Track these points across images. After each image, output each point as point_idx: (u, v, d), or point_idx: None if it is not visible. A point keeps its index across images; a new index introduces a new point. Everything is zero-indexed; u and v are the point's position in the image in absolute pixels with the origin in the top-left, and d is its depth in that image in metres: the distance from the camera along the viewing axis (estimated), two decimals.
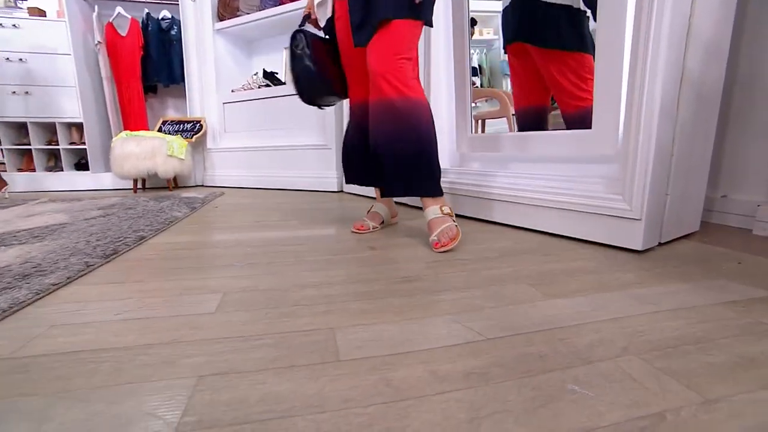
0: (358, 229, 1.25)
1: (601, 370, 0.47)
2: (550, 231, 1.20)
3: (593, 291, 0.73)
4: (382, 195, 1.18)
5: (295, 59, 1.17)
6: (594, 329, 0.58)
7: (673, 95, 0.96)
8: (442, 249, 1.03)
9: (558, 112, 1.75)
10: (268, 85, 2.81)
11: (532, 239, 1.15)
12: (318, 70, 1.16)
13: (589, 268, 0.87)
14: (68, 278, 0.77)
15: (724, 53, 1.08)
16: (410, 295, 0.72)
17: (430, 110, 1.10)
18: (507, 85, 3.87)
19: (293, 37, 1.18)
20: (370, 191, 2.20)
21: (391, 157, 1.08)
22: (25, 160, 2.89)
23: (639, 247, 0.98)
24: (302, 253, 1.02)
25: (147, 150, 2.56)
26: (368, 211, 1.31)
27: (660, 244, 1.04)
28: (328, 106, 1.31)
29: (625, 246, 1.01)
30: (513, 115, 3.20)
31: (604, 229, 1.05)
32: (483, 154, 1.59)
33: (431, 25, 1.11)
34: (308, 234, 1.25)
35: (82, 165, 2.97)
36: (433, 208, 1.11)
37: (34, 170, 2.84)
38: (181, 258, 0.98)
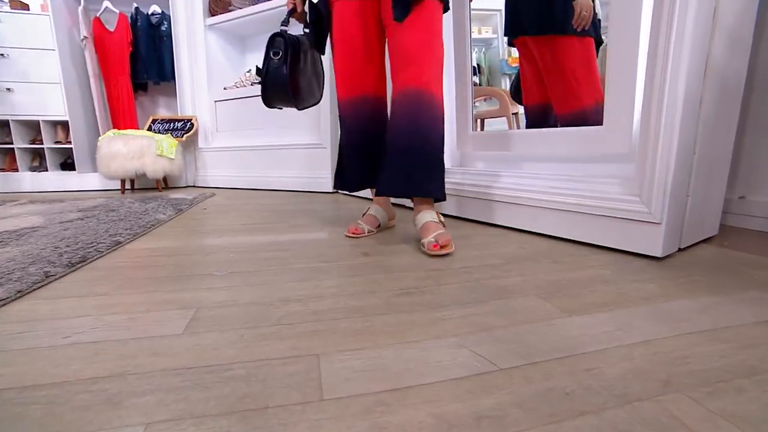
0: (353, 233, 1.16)
1: (643, 413, 0.38)
2: (557, 235, 1.12)
3: (614, 305, 0.65)
4: (383, 193, 1.07)
5: (269, 64, 1.11)
6: (624, 356, 0.49)
7: (697, 88, 0.87)
8: (441, 252, 0.96)
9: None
10: (260, 83, 2.71)
11: (539, 244, 1.07)
12: (290, 80, 1.11)
13: (605, 278, 0.79)
14: (18, 292, 0.68)
15: (748, 43, 1.00)
16: (409, 311, 0.63)
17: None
18: (506, 84, 3.79)
19: (271, 41, 1.11)
20: (366, 192, 2.11)
21: (410, 152, 1.02)
22: (8, 159, 2.78)
23: (659, 254, 0.90)
24: (290, 260, 0.93)
25: (135, 149, 2.46)
26: (363, 214, 1.22)
27: (679, 250, 0.96)
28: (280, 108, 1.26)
29: (642, 252, 0.92)
30: (513, 114, 3.12)
31: (617, 233, 0.97)
32: (485, 153, 1.50)
33: (448, 9, 1.08)
34: (298, 238, 1.16)
35: (68, 165, 2.87)
36: (430, 213, 1.06)
37: (16, 170, 2.73)
38: (156, 266, 0.89)
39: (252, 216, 1.60)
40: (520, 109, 3.11)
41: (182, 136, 2.77)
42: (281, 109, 1.25)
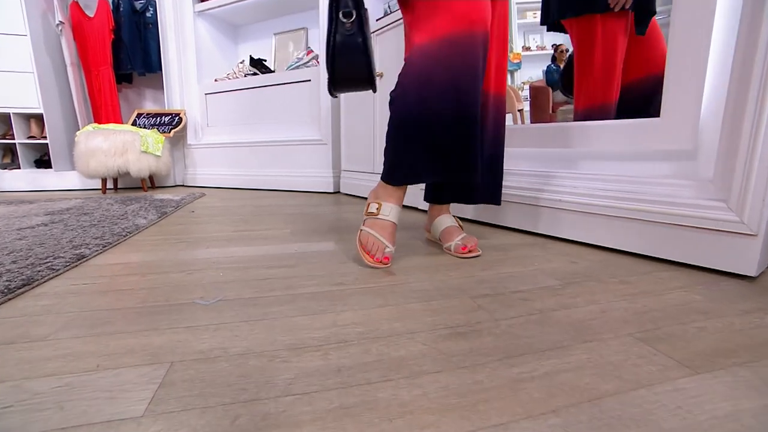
0: (383, 264, 0.81)
1: None
2: (608, 245, 0.94)
3: (744, 353, 0.48)
4: (474, 201, 0.97)
5: (339, 30, 0.80)
6: None
7: None
8: (470, 255, 0.87)
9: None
10: (255, 74, 2.51)
11: (589, 256, 0.89)
12: (367, 47, 0.82)
13: (700, 306, 0.62)
14: None
15: None
16: (471, 367, 0.45)
17: None
18: (513, 80, 3.61)
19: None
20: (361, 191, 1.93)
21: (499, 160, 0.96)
22: None
23: (752, 273, 0.73)
24: (295, 281, 0.74)
25: (117, 145, 2.24)
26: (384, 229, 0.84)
27: None
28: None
29: (728, 270, 0.75)
30: (519, 111, 2.94)
31: (693, 246, 0.80)
32: (511, 150, 1.33)
33: None
34: (302, 249, 0.98)
35: (44, 162, 2.64)
36: (450, 217, 0.98)
37: None
38: (123, 291, 0.70)
39: (245, 220, 1.40)
40: (526, 106, 2.94)
41: (170, 132, 2.56)
42: (340, 94, 0.92)
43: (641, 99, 1.22)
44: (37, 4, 2.45)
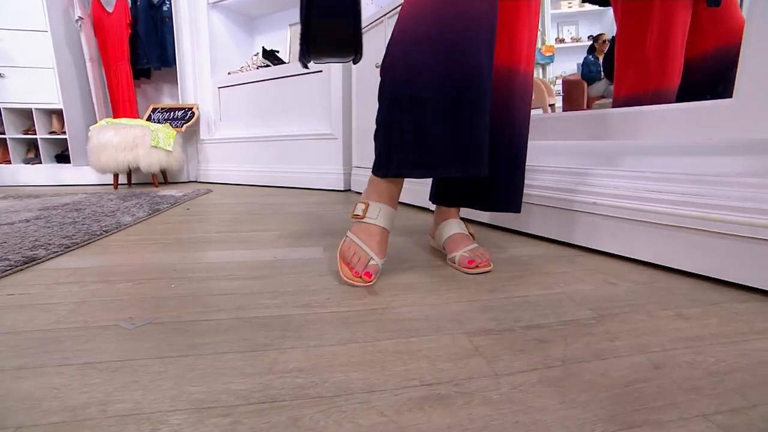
0: (363, 280, 0.65)
1: None
2: (655, 262, 0.74)
3: None
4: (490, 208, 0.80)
5: None
6: None
7: None
8: (479, 270, 0.70)
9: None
10: (267, 66, 2.42)
11: (631, 276, 0.70)
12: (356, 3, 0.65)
13: None
14: None
15: None
16: None
17: None
18: (540, 74, 3.32)
19: None
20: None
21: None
22: (2, 151, 2.61)
23: None
24: (252, 301, 0.60)
25: (127, 140, 2.21)
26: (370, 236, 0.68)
27: None
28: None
29: None
30: (550, 105, 2.68)
31: None
32: (536, 144, 1.13)
33: None
34: (282, 257, 0.84)
35: (64, 157, 2.67)
36: (458, 222, 0.80)
37: (9, 162, 2.55)
38: (43, 306, 0.58)
39: (240, 220, 1.29)
40: (558, 101, 2.67)
41: (182, 126, 2.51)
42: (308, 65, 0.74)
43: (708, 77, 0.99)
44: (58, 1, 2.47)
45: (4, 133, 2.50)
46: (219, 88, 2.60)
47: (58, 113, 2.57)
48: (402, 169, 0.65)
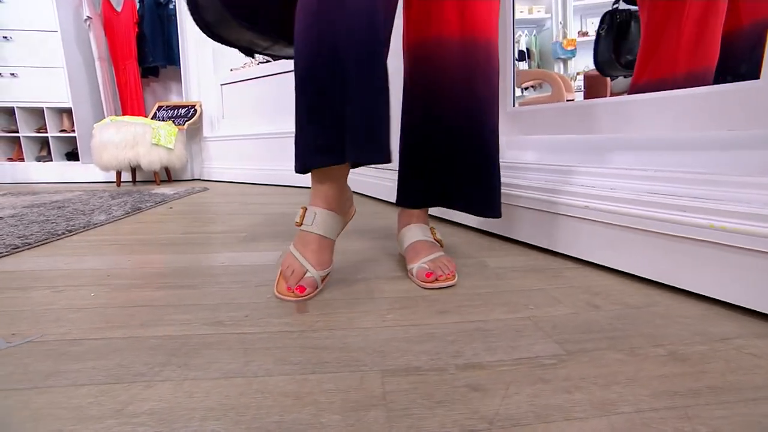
0: (295, 295, 0.56)
1: None
2: (652, 278, 0.61)
3: None
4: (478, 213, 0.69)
5: None
6: None
7: None
8: (436, 285, 0.59)
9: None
10: (268, 61, 2.37)
11: (620, 296, 0.57)
12: None
13: None
14: None
15: None
16: None
17: None
18: (561, 69, 3.14)
19: None
20: (381, 192, 1.68)
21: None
22: (16, 148, 2.68)
23: None
24: (162, 314, 0.52)
25: (127, 138, 2.22)
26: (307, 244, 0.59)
27: None
28: (249, 54, 0.77)
29: None
30: (568, 101, 2.51)
31: None
32: (538, 138, 1.00)
33: None
34: (232, 261, 0.76)
35: (74, 155, 2.72)
36: (422, 227, 0.69)
37: (23, 160, 2.63)
38: None
39: (215, 220, 1.23)
40: (578, 97, 2.49)
41: (184, 124, 2.51)
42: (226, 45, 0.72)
43: (738, 56, 0.84)
44: (68, 1, 2.51)
45: (18, 132, 2.57)
46: (222, 85, 2.58)
47: (68, 112, 2.62)
48: (313, 156, 0.55)
